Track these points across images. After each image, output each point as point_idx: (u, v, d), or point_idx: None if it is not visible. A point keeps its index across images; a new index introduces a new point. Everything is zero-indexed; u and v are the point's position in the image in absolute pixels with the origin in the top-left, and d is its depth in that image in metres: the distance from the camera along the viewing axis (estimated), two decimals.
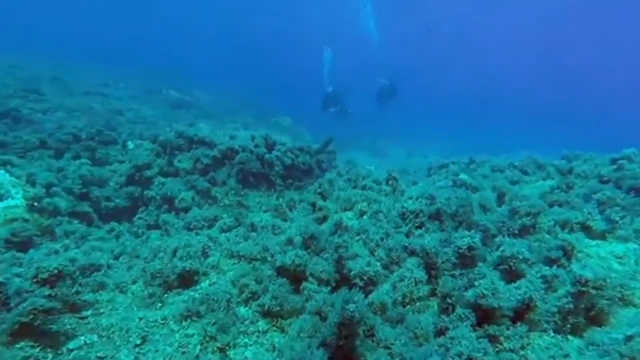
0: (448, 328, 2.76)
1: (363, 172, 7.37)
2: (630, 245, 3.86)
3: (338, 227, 4.17)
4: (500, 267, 3.29)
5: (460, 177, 6.88)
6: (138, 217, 6.33)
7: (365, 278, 3.41)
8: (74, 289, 3.27)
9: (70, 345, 2.98)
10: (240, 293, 3.57)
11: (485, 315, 2.78)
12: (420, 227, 4.15)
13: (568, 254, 3.51)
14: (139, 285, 3.87)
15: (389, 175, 6.09)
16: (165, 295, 3.71)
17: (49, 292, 3.01)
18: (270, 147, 7.49)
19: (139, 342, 3.08)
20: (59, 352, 2.91)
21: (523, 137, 21.40)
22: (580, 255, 3.64)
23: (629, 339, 2.40)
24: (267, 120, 16.20)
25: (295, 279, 3.53)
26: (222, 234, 5.10)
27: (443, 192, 4.42)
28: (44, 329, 2.93)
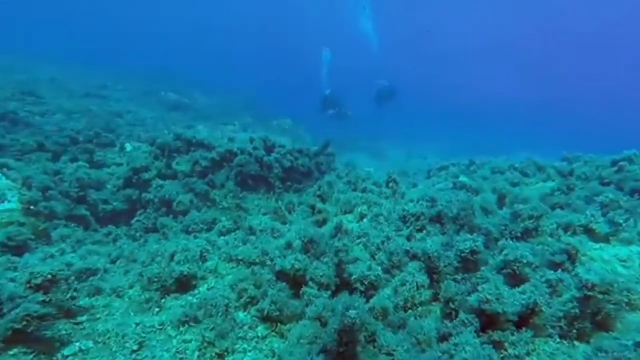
0: (451, 334, 2.70)
1: (362, 174, 7.33)
2: (634, 248, 3.80)
3: (338, 230, 4.11)
4: (504, 271, 3.23)
5: (460, 179, 6.84)
6: (136, 220, 6.27)
7: (366, 282, 3.36)
8: (69, 294, 3.22)
9: (65, 352, 2.92)
10: (239, 298, 3.51)
11: (489, 321, 2.72)
12: (422, 230, 4.09)
13: (572, 258, 3.45)
14: (136, 290, 3.81)
15: (389, 178, 6.05)
16: (163, 300, 3.65)
17: (43, 297, 2.96)
18: (269, 149, 7.43)
19: (136, 347, 3.02)
20: (54, 358, 2.86)
21: (522, 137, 21.36)
22: (584, 259, 3.58)
23: (638, 345, 2.35)
24: (266, 122, 16.17)
25: (295, 284, 3.47)
26: (220, 237, 5.05)
27: (444, 194, 4.35)
28: (38, 335, 2.87)
